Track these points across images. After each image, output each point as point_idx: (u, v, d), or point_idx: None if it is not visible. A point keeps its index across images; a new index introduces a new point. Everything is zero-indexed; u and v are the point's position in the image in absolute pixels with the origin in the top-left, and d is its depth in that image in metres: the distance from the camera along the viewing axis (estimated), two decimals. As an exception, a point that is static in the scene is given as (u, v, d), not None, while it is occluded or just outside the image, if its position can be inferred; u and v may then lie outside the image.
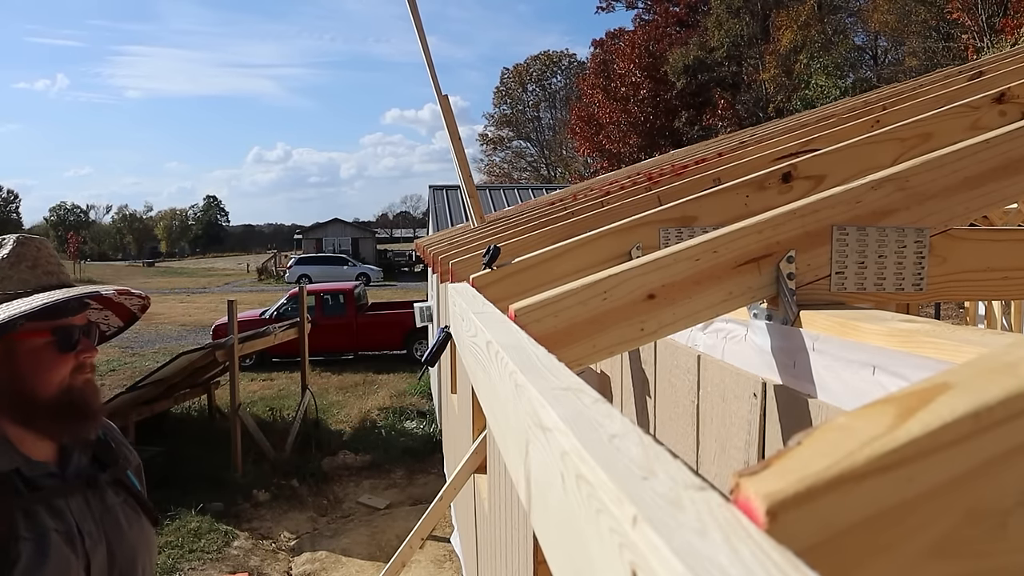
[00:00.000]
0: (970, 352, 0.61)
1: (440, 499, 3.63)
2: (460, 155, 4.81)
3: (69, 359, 1.37)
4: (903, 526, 0.31)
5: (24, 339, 1.33)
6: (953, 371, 0.37)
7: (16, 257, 1.39)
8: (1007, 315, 5.53)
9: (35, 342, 1.34)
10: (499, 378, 0.65)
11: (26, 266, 1.39)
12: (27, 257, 1.40)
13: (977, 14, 21.01)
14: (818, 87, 24.95)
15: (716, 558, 0.26)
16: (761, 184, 1.53)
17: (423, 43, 4.75)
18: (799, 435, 0.34)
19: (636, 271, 0.87)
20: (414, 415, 9.87)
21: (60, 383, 1.35)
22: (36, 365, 1.33)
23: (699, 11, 34.48)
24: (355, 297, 14.23)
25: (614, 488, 0.32)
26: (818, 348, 0.84)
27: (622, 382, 1.84)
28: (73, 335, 1.38)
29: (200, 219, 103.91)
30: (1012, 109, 1.63)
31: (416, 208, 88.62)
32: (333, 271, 33.55)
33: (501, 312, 0.95)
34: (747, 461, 1.08)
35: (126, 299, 1.59)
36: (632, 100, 33.25)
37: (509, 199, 15.51)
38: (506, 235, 2.72)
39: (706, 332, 1.21)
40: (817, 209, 0.88)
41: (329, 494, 7.42)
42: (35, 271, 1.39)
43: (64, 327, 1.37)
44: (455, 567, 5.57)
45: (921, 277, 0.91)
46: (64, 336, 1.36)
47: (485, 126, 64.45)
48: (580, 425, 0.41)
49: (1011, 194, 0.89)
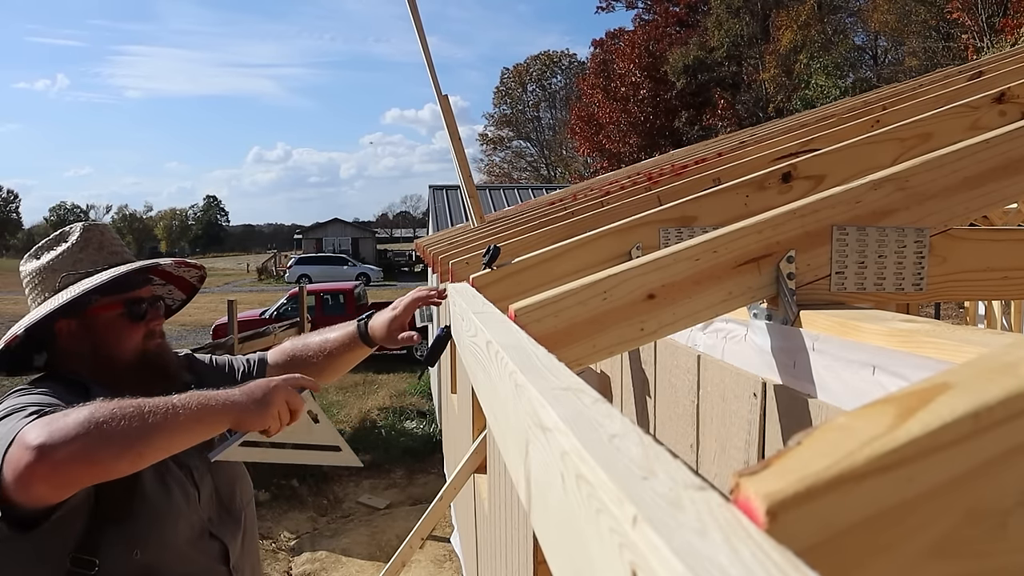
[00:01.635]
0: (970, 352, 0.61)
1: (440, 499, 3.63)
2: (460, 155, 4.81)
3: (140, 327, 1.54)
4: (903, 526, 0.31)
5: (99, 313, 1.50)
6: (953, 371, 0.37)
7: (84, 242, 1.56)
8: (1007, 315, 5.53)
9: (109, 315, 1.51)
10: (499, 378, 0.65)
11: (93, 248, 1.56)
12: (93, 241, 1.57)
13: (977, 14, 21.01)
14: (818, 87, 24.95)
15: (716, 558, 0.26)
16: (761, 184, 1.53)
17: (423, 43, 4.75)
18: (799, 435, 0.34)
19: (636, 271, 0.87)
20: (414, 415, 9.86)
21: (135, 349, 1.53)
22: (113, 334, 1.51)
23: (699, 11, 34.47)
24: (355, 297, 14.25)
25: (614, 488, 0.32)
26: (818, 348, 0.84)
27: (622, 382, 1.84)
28: (141, 306, 1.55)
29: (200, 219, 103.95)
30: (1012, 109, 1.63)
31: (416, 208, 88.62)
32: (333, 271, 33.52)
33: (501, 312, 0.95)
34: (747, 461, 1.08)
35: (184, 271, 1.76)
36: (632, 100, 33.23)
37: (509, 199, 15.51)
38: (506, 235, 2.72)
39: (706, 332, 1.21)
40: (817, 209, 0.88)
41: (329, 494, 7.42)
42: (102, 252, 1.56)
43: (132, 299, 1.54)
44: (455, 567, 5.57)
45: (921, 277, 0.91)
46: (133, 307, 1.53)
47: (485, 126, 64.43)
48: (580, 425, 0.41)
49: (1011, 194, 0.89)
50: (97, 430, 1.13)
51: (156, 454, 1.20)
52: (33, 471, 1.11)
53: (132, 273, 1.53)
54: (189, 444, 1.24)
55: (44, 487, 1.15)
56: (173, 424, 1.19)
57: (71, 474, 1.14)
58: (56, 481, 1.14)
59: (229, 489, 1.59)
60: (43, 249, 1.57)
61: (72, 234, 1.57)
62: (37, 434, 1.12)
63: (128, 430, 1.14)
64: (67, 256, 1.53)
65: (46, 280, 1.52)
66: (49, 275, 1.52)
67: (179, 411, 1.20)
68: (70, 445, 1.11)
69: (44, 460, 1.11)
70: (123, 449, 1.15)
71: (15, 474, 1.13)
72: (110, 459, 1.15)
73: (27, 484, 1.13)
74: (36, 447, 1.11)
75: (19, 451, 1.13)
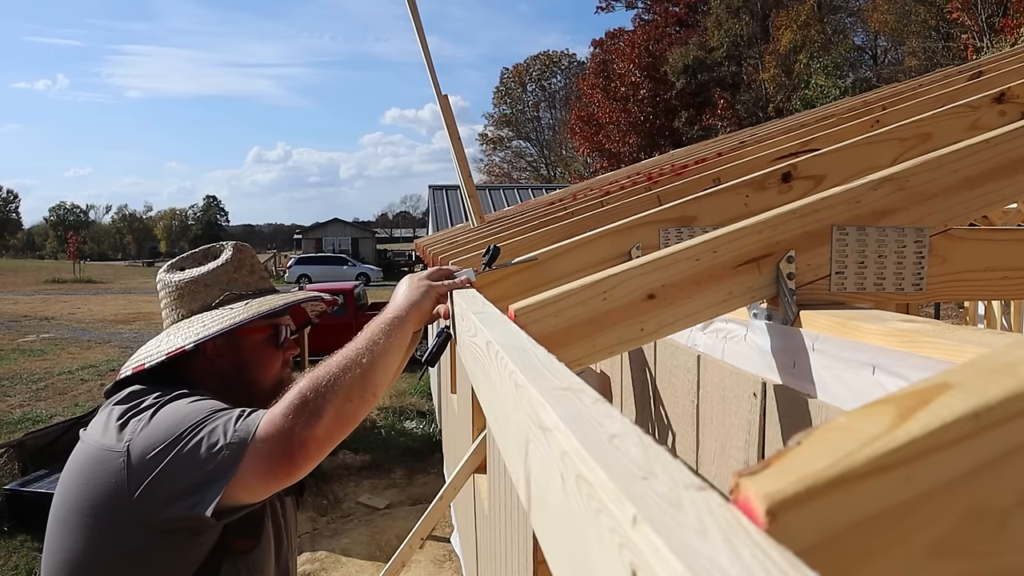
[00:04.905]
0: (970, 352, 0.61)
1: (440, 499, 3.63)
2: (460, 155, 4.81)
3: (279, 354, 1.55)
4: (903, 526, 0.31)
5: (248, 334, 1.49)
6: (953, 371, 0.37)
7: (238, 262, 1.57)
8: (1007, 315, 5.53)
9: (257, 338, 1.51)
10: (499, 378, 0.65)
11: (246, 270, 1.57)
12: (246, 263, 1.58)
13: (977, 14, 20.99)
14: (818, 87, 24.93)
15: (716, 558, 0.26)
16: (761, 184, 1.53)
17: (423, 43, 4.74)
18: (799, 435, 0.34)
19: (636, 271, 0.87)
20: (414, 415, 9.86)
21: (275, 375, 1.53)
22: (258, 358, 1.51)
23: (699, 11, 34.47)
24: (355, 297, 14.22)
25: (614, 488, 0.32)
26: (818, 348, 0.84)
27: (622, 382, 1.84)
28: (283, 333, 1.56)
29: (200, 219, 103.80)
30: (1012, 109, 1.63)
31: (416, 208, 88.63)
32: (333, 271, 33.55)
33: (501, 312, 0.95)
34: (747, 461, 1.08)
35: (314, 305, 1.76)
36: (632, 100, 33.23)
37: (509, 199, 15.50)
38: (506, 235, 2.71)
39: (706, 332, 1.21)
40: (817, 209, 0.88)
41: (329, 494, 7.42)
42: (253, 275, 1.58)
43: (278, 325, 1.55)
44: (455, 567, 5.57)
45: (921, 277, 0.91)
46: (277, 333, 1.54)
47: (485, 126, 64.44)
48: (580, 425, 0.41)
49: (1011, 194, 0.89)
50: (332, 395, 1.17)
51: (382, 390, 1.25)
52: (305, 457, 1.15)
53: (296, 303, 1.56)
54: (397, 364, 1.28)
55: (309, 467, 1.18)
56: (380, 355, 1.23)
57: (334, 444, 1.18)
58: (321, 456, 1.18)
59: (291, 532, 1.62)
60: (191, 261, 1.56)
61: (225, 251, 1.57)
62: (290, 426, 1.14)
63: (355, 381, 1.19)
64: (221, 273, 1.53)
65: (196, 293, 1.50)
66: (200, 289, 1.50)
67: (380, 343, 1.24)
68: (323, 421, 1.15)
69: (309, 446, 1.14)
70: (362, 400, 1.20)
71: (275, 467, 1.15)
72: (359, 411, 1.20)
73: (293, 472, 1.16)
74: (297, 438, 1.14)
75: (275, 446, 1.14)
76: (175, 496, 1.18)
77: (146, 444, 1.21)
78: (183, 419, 1.23)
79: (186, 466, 1.18)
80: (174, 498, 1.18)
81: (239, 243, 1.62)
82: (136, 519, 1.20)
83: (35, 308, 22.36)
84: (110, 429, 1.28)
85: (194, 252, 1.59)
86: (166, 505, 1.18)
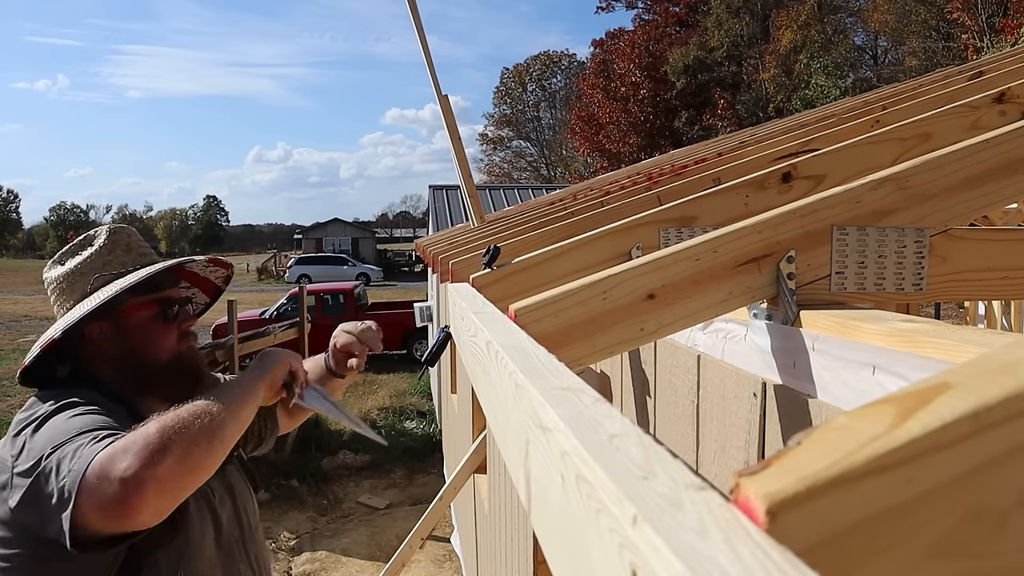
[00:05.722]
0: (970, 352, 0.61)
1: (440, 499, 3.63)
2: (460, 155, 4.81)
3: (173, 328, 1.51)
4: (903, 526, 0.31)
5: (131, 314, 1.46)
6: (953, 371, 0.37)
7: (112, 244, 1.52)
8: (1007, 315, 5.53)
9: (141, 315, 1.47)
10: (499, 378, 0.65)
11: (121, 250, 1.53)
12: (120, 243, 1.54)
13: (977, 14, 21.00)
14: (818, 87, 24.93)
15: (716, 558, 0.26)
16: (761, 184, 1.53)
17: (423, 43, 4.74)
18: (799, 435, 0.34)
19: (636, 271, 0.87)
20: (414, 415, 9.87)
21: (170, 350, 1.49)
22: (146, 336, 1.47)
23: (699, 11, 34.47)
24: (355, 297, 14.23)
25: (614, 488, 0.32)
26: (818, 348, 0.84)
27: (622, 382, 1.84)
28: (173, 306, 1.52)
29: (200, 219, 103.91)
30: (1012, 109, 1.63)
31: (416, 208, 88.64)
32: (333, 271, 33.52)
33: (501, 312, 0.95)
34: (747, 461, 1.08)
35: (212, 270, 1.73)
36: (632, 100, 33.24)
37: (509, 199, 15.50)
38: (506, 235, 2.72)
39: (706, 332, 1.21)
40: (817, 209, 0.88)
41: (329, 494, 7.42)
42: (130, 253, 1.54)
43: (164, 299, 1.51)
44: (455, 567, 5.57)
45: (921, 277, 0.91)
46: (165, 307, 1.50)
47: (485, 126, 64.39)
48: (580, 425, 0.41)
49: (1011, 194, 0.89)
50: (179, 438, 1.12)
51: (231, 443, 1.23)
52: (141, 500, 1.07)
53: (163, 273, 1.50)
54: (247, 423, 1.29)
55: (149, 513, 1.10)
56: (233, 409, 1.23)
57: (176, 491, 1.13)
58: (162, 503, 1.11)
59: (247, 515, 1.60)
60: (68, 254, 1.53)
61: (98, 237, 1.54)
62: (127, 465, 1.08)
63: (204, 427, 1.16)
64: (95, 259, 1.50)
65: (74, 284, 1.48)
66: (77, 279, 1.48)
67: (231, 398, 1.25)
68: (165, 462, 1.09)
69: (146, 487, 1.07)
70: (210, 446, 1.16)
71: (107, 507, 1.08)
72: (206, 459, 1.15)
73: (130, 515, 1.09)
74: (132, 477, 1.07)
75: (107, 484, 1.08)
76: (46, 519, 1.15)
77: (24, 461, 1.21)
78: (51, 439, 1.21)
79: (44, 491, 1.15)
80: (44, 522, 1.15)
81: (114, 225, 1.59)
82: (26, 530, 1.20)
83: (35, 308, 22.39)
84: (8, 439, 1.28)
85: (72, 244, 1.56)
86: (43, 524, 1.15)
